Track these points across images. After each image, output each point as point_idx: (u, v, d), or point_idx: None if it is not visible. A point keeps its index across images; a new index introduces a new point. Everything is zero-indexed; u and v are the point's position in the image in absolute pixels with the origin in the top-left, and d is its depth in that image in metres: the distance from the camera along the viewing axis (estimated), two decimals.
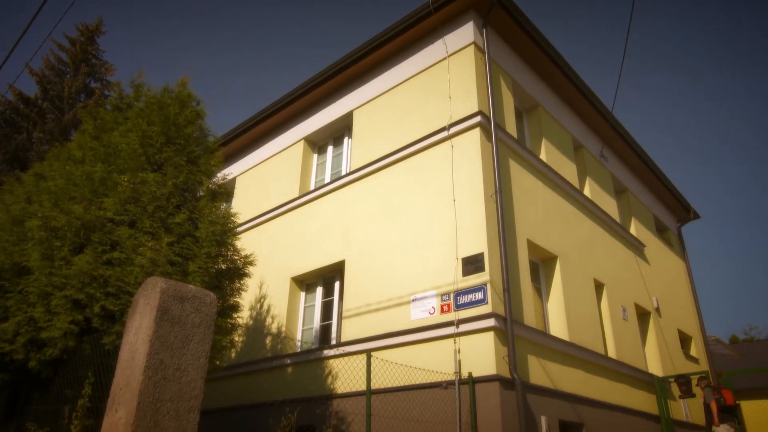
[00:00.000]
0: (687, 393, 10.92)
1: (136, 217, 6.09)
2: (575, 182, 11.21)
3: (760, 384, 19.54)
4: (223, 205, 7.38)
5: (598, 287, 10.81)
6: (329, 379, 8.61)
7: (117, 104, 7.67)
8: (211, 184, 7.15)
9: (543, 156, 10.44)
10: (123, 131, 6.85)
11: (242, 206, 12.08)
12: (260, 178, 12.72)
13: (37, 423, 4.70)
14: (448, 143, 8.76)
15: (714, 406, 9.17)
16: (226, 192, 7.44)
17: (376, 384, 6.85)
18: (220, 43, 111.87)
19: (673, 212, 17.31)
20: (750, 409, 15.85)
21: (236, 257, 7.08)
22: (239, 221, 8.57)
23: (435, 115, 9.17)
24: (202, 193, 7.01)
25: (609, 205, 12.57)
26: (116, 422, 3.65)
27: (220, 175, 7.74)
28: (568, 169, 11.07)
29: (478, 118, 8.44)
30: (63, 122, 19.23)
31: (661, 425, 10.85)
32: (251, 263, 7.22)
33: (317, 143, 12.17)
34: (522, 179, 9.22)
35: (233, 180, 13.24)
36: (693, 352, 14.78)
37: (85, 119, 7.80)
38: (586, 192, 11.84)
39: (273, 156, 12.62)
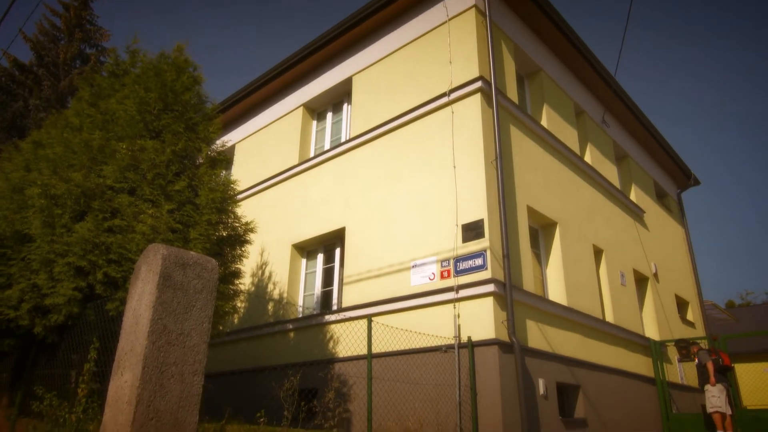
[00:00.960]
0: (686, 356, 11.13)
1: (136, 185, 6.09)
2: (576, 148, 11.15)
3: (754, 347, 19.86)
4: (223, 173, 7.36)
5: (597, 253, 10.87)
6: (331, 344, 8.75)
7: (113, 70, 7.58)
8: (210, 152, 7.12)
9: (544, 122, 10.36)
10: (120, 98, 6.79)
11: (242, 174, 12.05)
12: (259, 146, 12.65)
13: (44, 387, 4.80)
14: (448, 109, 8.68)
15: (711, 367, 9.28)
16: (225, 159, 7.41)
17: (377, 348, 6.96)
18: (218, 8, 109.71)
19: (674, 178, 17.28)
20: (744, 371, 16.15)
21: (237, 224, 7.10)
22: (239, 189, 8.56)
23: (435, 81, 9.05)
24: (201, 161, 6.99)
25: (609, 171, 12.54)
26: (122, 385, 3.73)
27: (219, 142, 7.69)
28: (569, 135, 11.00)
29: (478, 84, 8.34)
30: (59, 89, 19.03)
31: (656, 387, 11.08)
32: (252, 230, 7.25)
33: (316, 110, 12.06)
34: (523, 145, 9.17)
35: (232, 147, 13.17)
36: (690, 316, 14.98)
37: (81, 86, 7.72)
38: (587, 158, 11.80)
39: (272, 123, 12.53)
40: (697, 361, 9.63)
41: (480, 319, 7.19)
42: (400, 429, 6.46)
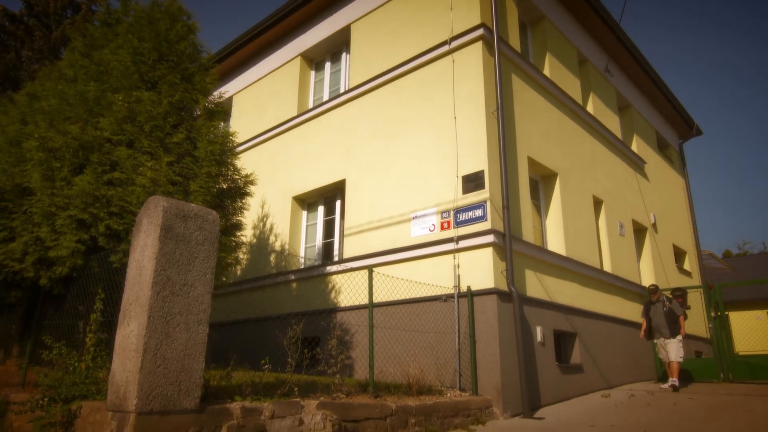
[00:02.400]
0: (682, 305, 11.34)
1: (134, 137, 6.05)
2: (578, 98, 11.00)
3: (748, 296, 20.18)
4: (221, 125, 7.29)
5: (597, 204, 10.90)
6: (333, 294, 8.90)
7: (105, 20, 7.39)
8: (207, 103, 7.03)
9: (547, 71, 10.18)
10: (113, 48, 6.65)
11: (240, 126, 11.93)
12: (257, 97, 12.47)
13: (53, 337, 4.91)
14: (449, 58, 8.51)
15: (683, 320, 9.50)
16: (223, 111, 7.32)
17: (378, 298, 7.08)
18: None
19: (676, 128, 17.12)
20: (738, 319, 16.46)
21: (237, 177, 7.09)
22: (238, 141, 8.50)
23: (435, 29, 8.84)
24: (198, 112, 6.91)
25: (611, 121, 12.41)
26: (129, 335, 3.82)
27: (216, 93, 7.58)
28: (571, 85, 10.82)
29: (480, 31, 8.14)
30: (51, 40, 18.61)
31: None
32: (252, 182, 7.25)
33: (314, 60, 11.82)
34: (524, 95, 9.04)
35: (230, 99, 12.99)
36: (687, 266, 15.15)
37: (73, 36, 7.55)
38: (589, 108, 11.65)
39: (269, 74, 12.31)
40: (667, 308, 9.55)
41: (479, 269, 7.29)
42: (401, 374, 6.65)
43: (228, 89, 12.81)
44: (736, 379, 10.33)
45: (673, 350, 9.35)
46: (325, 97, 11.14)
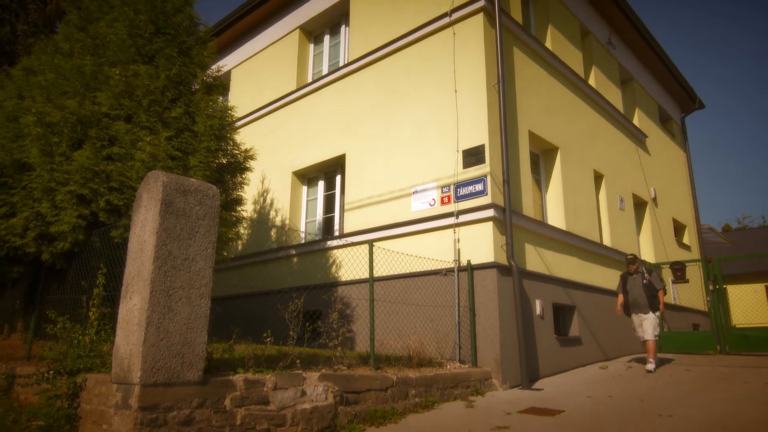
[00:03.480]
0: (680, 278, 11.43)
1: (132, 112, 6.00)
2: (580, 71, 10.89)
3: (747, 270, 20.30)
4: (220, 99, 7.23)
5: (598, 178, 10.88)
6: (333, 268, 8.95)
7: None
8: (205, 77, 6.95)
9: (548, 44, 10.05)
10: (109, 21, 6.56)
11: (239, 100, 11.84)
12: (256, 71, 12.34)
13: (56, 311, 4.95)
14: (449, 30, 8.39)
15: (662, 295, 8.49)
16: (221, 85, 7.25)
17: (378, 272, 7.13)
18: None
19: (678, 102, 16.98)
20: (736, 292, 16.58)
21: (236, 151, 7.06)
22: (237, 116, 8.45)
23: (436, 0, 8.69)
24: (197, 87, 6.84)
25: (613, 94, 12.31)
26: (131, 308, 3.85)
27: (214, 67, 7.50)
28: (573, 58, 10.70)
29: (481, 3, 8.01)
30: (46, 13, 18.33)
31: None
32: (252, 157, 7.22)
33: (313, 33, 11.66)
34: (526, 68, 8.95)
35: (228, 73, 12.86)
36: (686, 240, 15.20)
37: (68, 9, 7.43)
38: (591, 81, 11.54)
39: (267, 47, 12.16)
40: (647, 281, 8.52)
41: (479, 244, 7.32)
42: (401, 347, 6.74)
43: (226, 63, 12.67)
44: (732, 351, 10.45)
45: (650, 327, 8.35)
46: (325, 71, 11.03)
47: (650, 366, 8.20)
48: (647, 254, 12.39)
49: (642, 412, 5.41)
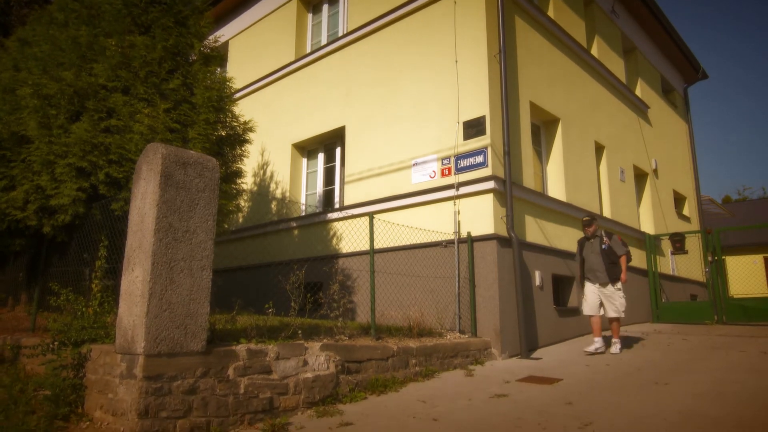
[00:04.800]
0: (680, 249, 11.49)
1: (129, 83, 5.94)
2: (583, 41, 10.74)
3: (746, 241, 20.36)
4: (218, 70, 7.14)
5: (599, 149, 10.83)
6: (334, 240, 8.98)
7: None
8: (202, 48, 6.85)
9: (551, 13, 9.88)
10: None
11: (237, 72, 11.69)
12: (254, 42, 12.17)
13: (59, 283, 4.99)
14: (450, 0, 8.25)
15: (625, 261, 7.34)
16: (219, 56, 7.16)
17: (379, 244, 7.15)
18: None
19: (681, 72, 16.78)
20: (735, 263, 16.68)
21: (235, 123, 7.00)
22: (235, 87, 8.35)
23: None
24: (194, 58, 6.75)
25: (616, 65, 12.16)
26: (134, 280, 3.88)
27: (211, 38, 7.38)
28: (576, 27, 10.54)
29: None
30: None
31: (648, 278, 11.51)
32: (251, 129, 7.17)
33: (311, 2, 11.46)
34: (527, 38, 8.82)
35: (225, 44, 12.68)
36: (686, 211, 15.21)
37: None
38: (594, 51, 11.39)
39: (265, 17, 11.96)
40: (606, 245, 7.33)
41: (480, 216, 7.33)
42: (402, 317, 6.81)
43: (223, 34, 12.49)
44: (729, 322, 10.57)
45: (612, 304, 7.24)
46: (323, 42, 10.88)
47: (615, 348, 7.22)
48: (647, 226, 12.42)
49: (639, 380, 5.50)
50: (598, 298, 7.32)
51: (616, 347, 7.24)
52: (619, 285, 7.25)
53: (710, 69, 69.25)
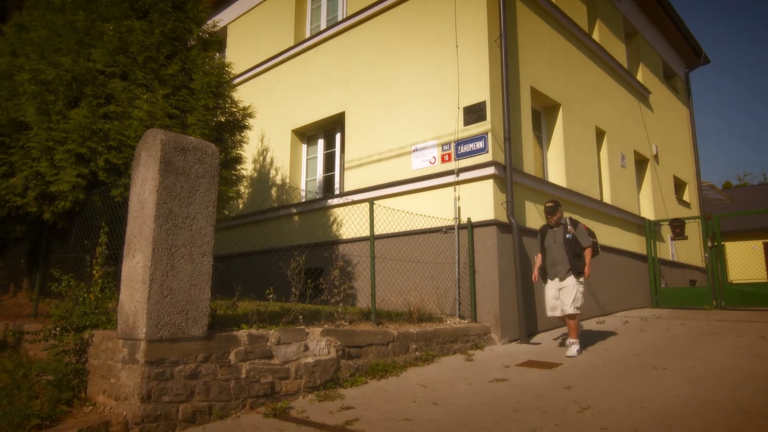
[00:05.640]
0: (679, 235, 11.50)
1: (128, 69, 5.91)
2: (585, 25, 10.65)
3: (746, 227, 20.37)
4: (216, 56, 7.10)
5: (599, 135, 10.80)
6: (334, 227, 8.99)
7: None
8: (201, 33, 6.81)
9: None
10: None
11: (236, 57, 11.60)
12: (252, 27, 12.08)
13: (60, 270, 5.01)
14: None
15: (590, 254, 6.48)
16: (217, 41, 7.11)
17: (379, 230, 7.16)
18: None
19: (683, 57, 16.66)
20: (734, 248, 16.73)
21: (235, 109, 6.98)
22: (234, 73, 8.30)
23: None
24: (192, 43, 6.70)
25: (618, 50, 12.07)
26: (135, 266, 3.89)
27: (209, 22, 7.32)
28: (578, 11, 10.44)
29: None
30: None
31: (647, 264, 11.54)
32: (250, 115, 7.14)
33: None
34: (528, 23, 8.75)
35: (224, 29, 12.57)
36: (686, 197, 15.20)
37: None
38: (595, 36, 11.30)
39: (264, 1, 11.85)
40: (570, 235, 6.48)
41: (480, 201, 7.33)
42: (402, 303, 6.84)
43: (222, 18, 12.39)
44: (728, 307, 10.61)
45: (569, 297, 6.31)
46: (323, 26, 10.79)
47: (572, 350, 6.21)
48: (647, 211, 12.41)
49: (637, 364, 5.54)
50: (559, 298, 6.48)
51: (573, 348, 6.23)
52: (581, 278, 6.37)
53: (712, 54, 68.79)
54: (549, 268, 6.60)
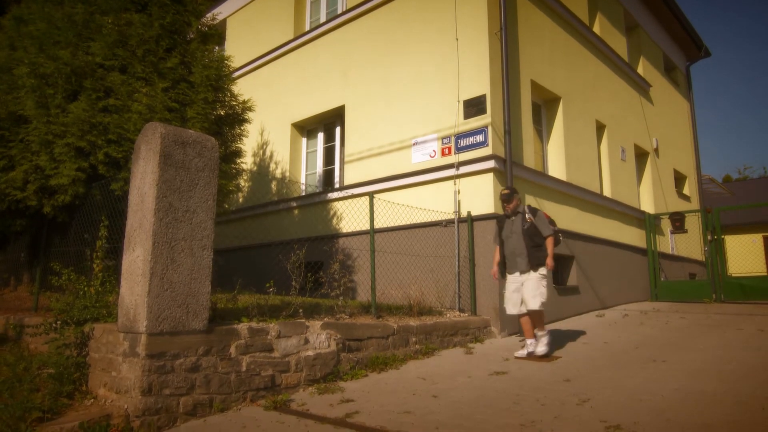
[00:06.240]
0: (679, 229, 11.51)
1: (127, 62, 5.89)
2: (585, 18, 10.60)
3: (746, 220, 20.35)
4: (216, 49, 7.08)
5: (600, 128, 10.78)
6: (334, 220, 8.99)
7: None
8: (200, 26, 6.79)
9: None
10: None
11: (235, 50, 11.55)
12: (252, 20, 12.03)
13: (60, 264, 5.01)
14: None
15: (551, 243, 5.84)
16: (217, 34, 7.09)
17: (379, 223, 7.16)
18: None
19: (684, 50, 16.60)
20: (734, 242, 16.74)
21: (234, 103, 6.96)
22: (234, 66, 8.28)
23: None
24: (191, 36, 6.68)
25: (618, 43, 12.03)
26: (135, 260, 3.89)
27: (208, 15, 7.31)
28: (578, 4, 10.40)
29: None
30: None
31: (647, 257, 11.55)
32: (250, 109, 7.13)
33: None
34: (529, 16, 8.71)
35: (223, 22, 12.53)
36: (686, 190, 15.19)
37: None
38: (596, 29, 11.26)
39: None
40: (528, 224, 5.86)
41: (480, 195, 7.32)
42: (402, 296, 6.85)
43: (221, 11, 12.34)
44: (727, 300, 10.64)
45: (532, 291, 5.69)
46: (322, 19, 10.75)
47: (542, 348, 5.66)
48: (647, 205, 12.41)
49: (637, 357, 5.55)
50: (520, 293, 5.84)
51: (543, 343, 5.70)
52: (543, 271, 5.76)
53: (713, 47, 68.56)
54: (508, 261, 6.00)
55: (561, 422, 3.50)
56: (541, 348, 5.68)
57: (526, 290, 5.75)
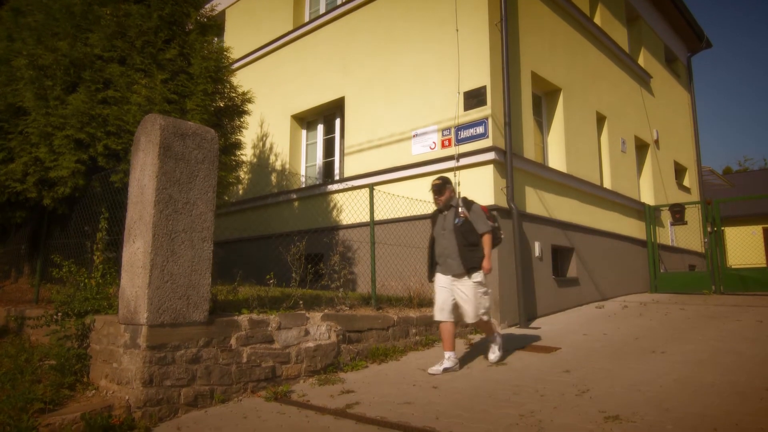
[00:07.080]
0: (679, 220, 11.51)
1: (125, 54, 5.87)
2: (586, 9, 10.55)
3: (746, 212, 20.37)
4: (215, 40, 7.04)
5: (600, 120, 10.75)
6: (334, 212, 8.99)
7: None
8: (199, 17, 6.75)
9: None
10: None
11: (234, 42, 11.51)
12: (251, 11, 11.96)
13: (61, 256, 5.02)
14: None
15: (489, 242, 4.99)
16: (216, 25, 7.04)
17: (379, 215, 7.16)
18: None
19: (685, 41, 16.53)
20: (734, 233, 16.73)
21: (234, 94, 6.94)
22: (233, 57, 8.25)
23: None
24: (190, 27, 6.65)
25: (619, 34, 11.97)
26: (135, 252, 3.90)
27: (207, 6, 7.27)
28: None
29: None
30: None
31: (647, 249, 11.56)
32: (250, 100, 7.11)
33: None
34: (529, 6, 8.66)
35: (222, 13, 12.47)
36: (686, 182, 15.18)
37: None
38: (597, 20, 11.20)
39: None
40: (461, 219, 4.96)
41: (480, 187, 7.31)
42: (402, 288, 6.86)
43: (220, 2, 12.27)
44: (727, 291, 10.66)
45: (470, 304, 4.88)
46: (322, 10, 10.69)
47: (493, 356, 5.16)
48: (647, 196, 12.41)
49: (636, 348, 5.57)
50: (450, 296, 4.97)
51: (494, 349, 5.18)
52: (479, 277, 4.90)
53: (714, 38, 68.26)
54: (439, 262, 5.08)
55: (560, 412, 3.52)
56: (493, 356, 5.15)
57: (461, 300, 4.91)
